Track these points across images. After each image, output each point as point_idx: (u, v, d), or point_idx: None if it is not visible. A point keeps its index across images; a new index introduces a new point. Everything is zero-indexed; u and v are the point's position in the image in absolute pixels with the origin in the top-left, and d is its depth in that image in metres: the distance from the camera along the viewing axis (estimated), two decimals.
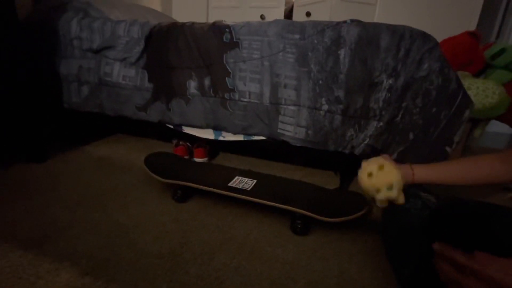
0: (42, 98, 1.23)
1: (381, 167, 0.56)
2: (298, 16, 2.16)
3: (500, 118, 1.27)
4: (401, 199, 0.57)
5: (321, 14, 1.95)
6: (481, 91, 1.16)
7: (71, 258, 0.66)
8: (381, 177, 0.56)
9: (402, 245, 0.55)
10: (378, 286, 0.63)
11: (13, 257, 0.65)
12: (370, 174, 0.57)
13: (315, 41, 0.82)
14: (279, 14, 2.20)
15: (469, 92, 0.91)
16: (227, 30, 0.93)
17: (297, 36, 0.84)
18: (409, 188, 0.60)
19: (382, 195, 0.56)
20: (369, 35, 0.78)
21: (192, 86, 1.01)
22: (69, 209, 0.85)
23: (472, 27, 1.73)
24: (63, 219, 0.80)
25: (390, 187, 0.55)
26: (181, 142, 1.28)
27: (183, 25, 1.01)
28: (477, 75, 1.30)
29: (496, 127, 1.43)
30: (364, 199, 0.81)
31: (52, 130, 1.40)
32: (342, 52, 0.81)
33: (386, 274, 0.65)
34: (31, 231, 0.74)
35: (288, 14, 2.31)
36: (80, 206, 0.87)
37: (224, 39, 0.93)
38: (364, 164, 0.60)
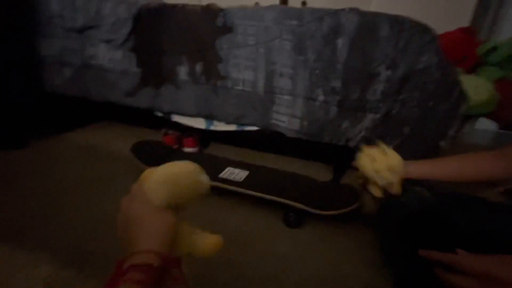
0: (21, 80, 1.14)
1: (383, 151, 0.57)
2: (294, 5, 2.11)
3: (488, 116, 1.29)
4: (397, 188, 0.57)
5: (318, 4, 1.91)
6: (473, 88, 1.17)
7: (51, 250, 0.62)
8: (383, 161, 0.57)
9: (397, 239, 0.55)
10: (372, 279, 0.63)
11: None
12: (372, 157, 0.58)
13: (313, 28, 0.79)
14: (274, 2, 2.15)
15: None
16: (221, 13, 0.88)
17: (294, 23, 0.81)
18: (404, 183, 0.60)
19: (382, 179, 0.56)
20: (369, 24, 0.76)
21: (183, 71, 0.96)
22: (51, 198, 0.80)
23: (465, 23, 1.74)
24: (43, 209, 0.75)
25: (391, 171, 0.55)
26: (170, 131, 1.24)
27: (173, 6, 0.95)
28: (469, 71, 1.31)
29: (483, 124, 1.46)
30: (357, 192, 0.81)
31: (34, 114, 1.32)
32: (340, 41, 0.78)
33: (380, 267, 0.65)
34: (8, 222, 0.70)
35: (283, 2, 2.25)
36: (62, 195, 0.82)
37: (217, 23, 0.89)
38: (366, 148, 0.60)
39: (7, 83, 1.02)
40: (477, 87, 1.16)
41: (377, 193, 0.60)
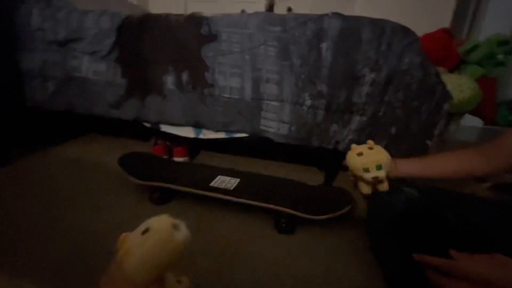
0: (1, 96, 1.11)
1: (371, 148, 0.58)
2: (279, 11, 2.14)
3: (473, 112, 1.32)
4: (385, 184, 0.57)
5: (302, 10, 1.95)
6: (456, 86, 1.20)
7: (34, 272, 0.59)
8: (371, 156, 0.57)
9: (387, 239, 0.55)
10: (364, 280, 0.62)
11: None
12: (360, 153, 0.58)
13: (297, 34, 0.80)
14: (260, 9, 2.17)
15: None
16: (205, 21, 0.88)
17: (278, 29, 0.82)
18: (392, 183, 0.60)
19: (370, 175, 0.56)
20: (351, 27, 0.77)
21: (169, 81, 0.95)
22: (34, 217, 0.77)
23: (446, 24, 1.79)
24: (26, 229, 0.72)
25: (379, 166, 0.56)
26: (159, 141, 1.22)
27: (157, 16, 0.95)
28: (451, 70, 1.35)
29: (469, 121, 1.50)
30: (348, 195, 0.81)
31: (15, 130, 1.28)
32: (324, 45, 0.79)
33: (372, 269, 0.64)
34: None
35: (269, 9, 2.29)
36: (46, 213, 0.79)
37: (202, 32, 0.88)
38: (354, 145, 0.61)
39: None
40: (460, 85, 1.19)
41: (365, 190, 0.60)
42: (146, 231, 0.35)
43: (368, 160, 0.57)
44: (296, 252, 0.70)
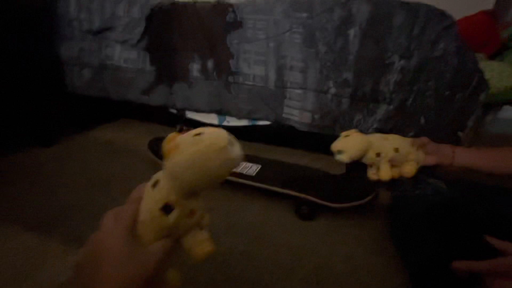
0: (45, 82, 1.21)
1: (347, 135, 0.58)
2: None
3: None
4: (384, 172, 0.57)
5: None
6: (496, 74, 1.11)
7: (78, 240, 0.67)
8: (336, 143, 0.58)
9: (413, 232, 0.54)
10: (385, 271, 0.63)
11: (22, 239, 0.66)
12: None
13: (324, 20, 0.78)
14: None
15: None
16: (231, 9, 0.89)
17: (304, 15, 0.80)
18: (418, 175, 0.59)
19: (335, 157, 0.58)
20: (381, 12, 0.74)
21: (195, 69, 0.98)
22: (76, 193, 0.85)
23: (489, 6, 1.64)
24: (70, 203, 0.80)
25: (340, 152, 0.57)
26: (184, 127, 1.27)
27: (185, 4, 0.97)
28: (492, 57, 1.24)
29: (508, 112, 1.39)
30: (370, 185, 0.80)
31: (59, 114, 1.40)
32: (352, 32, 0.77)
33: (393, 260, 0.64)
34: (39, 214, 0.75)
35: None
36: (86, 190, 0.87)
37: (228, 19, 0.89)
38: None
39: (33, 85, 1.08)
40: (500, 73, 1.10)
41: (369, 174, 0.60)
42: (198, 134, 0.29)
43: (334, 145, 0.58)
44: (317, 239, 0.72)
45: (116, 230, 0.27)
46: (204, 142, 0.28)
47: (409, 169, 0.57)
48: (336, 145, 0.58)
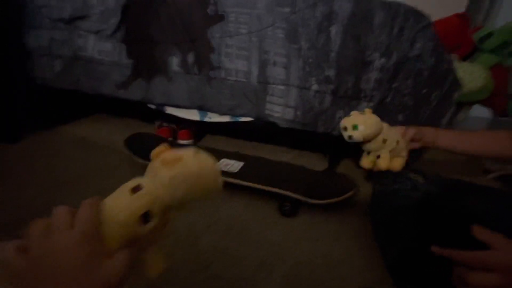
0: (11, 73, 1.12)
1: (362, 113, 0.57)
2: None
3: (483, 102, 1.29)
4: (383, 162, 0.56)
5: None
6: (468, 75, 1.16)
7: None
8: (355, 117, 0.56)
9: (391, 225, 0.56)
10: (365, 265, 0.64)
11: None
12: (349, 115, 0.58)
13: (306, 16, 0.78)
14: None
15: None
16: (212, 1, 0.86)
17: (287, 10, 0.79)
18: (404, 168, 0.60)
19: (346, 133, 0.56)
20: (362, 10, 0.74)
21: (175, 62, 0.94)
22: (45, 192, 0.80)
23: (461, 9, 1.72)
24: (38, 203, 0.75)
25: (355, 126, 0.54)
26: (164, 124, 1.23)
27: None
28: (464, 58, 1.31)
29: (478, 111, 1.47)
30: (352, 181, 0.81)
31: (26, 108, 1.30)
32: (333, 29, 0.77)
33: (373, 254, 0.66)
34: (4, 214, 0.70)
35: None
36: (57, 189, 0.82)
37: (209, 12, 0.87)
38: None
39: None
40: (472, 74, 1.15)
41: (363, 162, 0.60)
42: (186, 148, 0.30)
43: (349, 119, 0.56)
44: (298, 235, 0.72)
45: (71, 235, 0.23)
46: (205, 157, 0.30)
47: (397, 164, 0.57)
48: (351, 119, 0.54)
